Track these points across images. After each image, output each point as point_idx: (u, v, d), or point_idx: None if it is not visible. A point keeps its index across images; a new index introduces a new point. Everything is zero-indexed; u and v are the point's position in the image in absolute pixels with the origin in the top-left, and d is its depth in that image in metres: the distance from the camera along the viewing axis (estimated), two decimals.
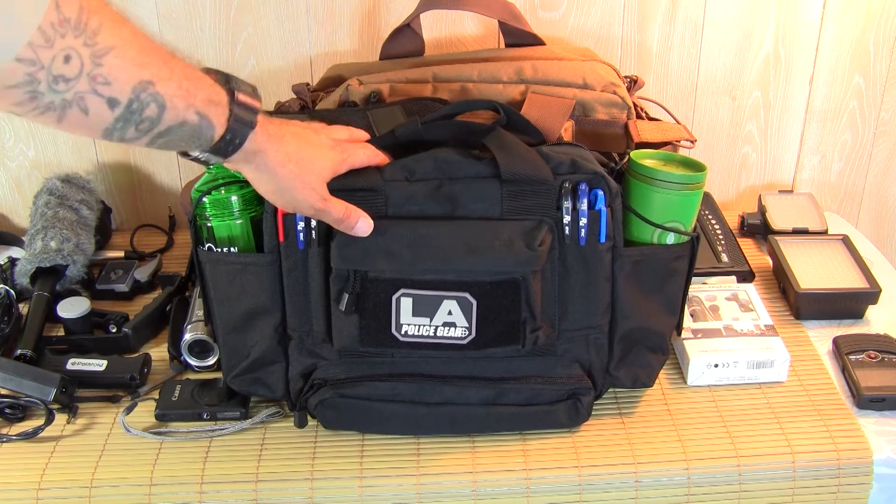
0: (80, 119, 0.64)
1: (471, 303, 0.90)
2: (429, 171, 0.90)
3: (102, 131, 0.67)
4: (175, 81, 0.68)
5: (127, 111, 0.66)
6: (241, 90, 0.75)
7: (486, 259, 0.88)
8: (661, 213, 0.95)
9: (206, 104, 0.71)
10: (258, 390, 0.98)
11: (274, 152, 0.79)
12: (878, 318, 1.16)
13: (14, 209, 1.41)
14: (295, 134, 0.83)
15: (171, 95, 0.68)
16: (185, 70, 0.70)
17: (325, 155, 0.85)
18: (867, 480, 0.95)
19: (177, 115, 0.69)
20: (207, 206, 0.94)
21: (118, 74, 0.64)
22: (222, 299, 0.96)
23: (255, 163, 0.79)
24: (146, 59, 0.66)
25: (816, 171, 1.47)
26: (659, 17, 1.33)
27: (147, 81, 0.66)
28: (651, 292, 0.96)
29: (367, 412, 0.95)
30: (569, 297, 0.94)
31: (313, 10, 1.30)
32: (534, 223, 0.90)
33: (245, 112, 0.75)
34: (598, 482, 0.94)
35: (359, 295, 0.90)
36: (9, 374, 1.00)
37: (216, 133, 0.74)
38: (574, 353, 0.96)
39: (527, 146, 0.92)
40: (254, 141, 0.76)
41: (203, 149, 0.75)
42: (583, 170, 0.91)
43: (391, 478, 0.93)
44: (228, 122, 0.74)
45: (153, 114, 0.67)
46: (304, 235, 0.91)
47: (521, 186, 0.90)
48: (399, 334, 0.91)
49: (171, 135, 0.70)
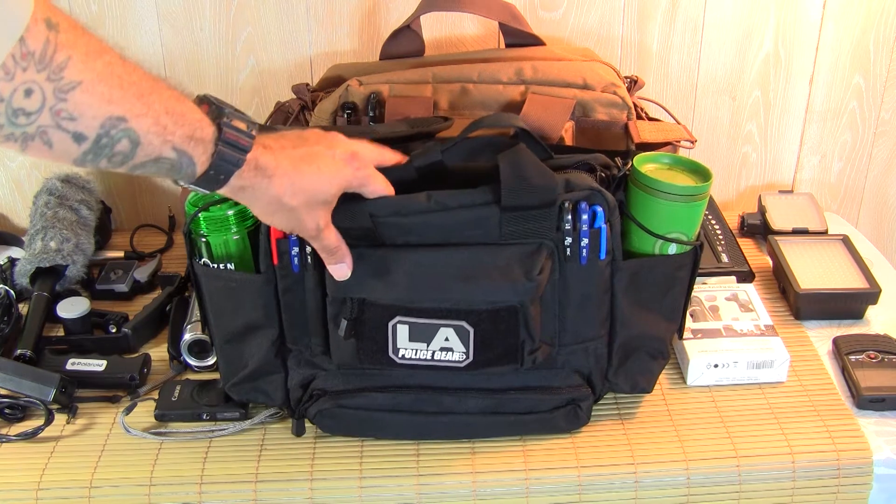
0: (45, 151, 0.62)
1: (468, 330, 0.88)
2: (422, 206, 0.86)
3: (71, 161, 0.65)
4: (151, 117, 0.66)
5: (95, 146, 0.64)
6: (231, 127, 0.72)
7: (483, 288, 0.86)
8: (663, 224, 0.93)
9: (185, 140, 0.68)
10: (257, 398, 0.98)
11: (265, 187, 0.76)
12: (878, 318, 1.16)
13: (14, 209, 1.41)
14: (300, 158, 0.78)
15: (145, 132, 0.65)
16: (167, 104, 0.67)
17: (334, 175, 0.80)
18: (867, 481, 0.95)
19: (152, 151, 0.67)
20: (202, 223, 0.93)
21: (85, 110, 0.62)
22: (218, 313, 0.95)
23: (246, 195, 0.76)
24: (118, 94, 0.63)
25: (816, 171, 1.47)
26: (659, 17, 1.33)
27: (118, 117, 0.64)
28: (651, 302, 0.95)
29: (366, 421, 0.95)
30: (568, 314, 0.92)
31: (313, 10, 1.30)
32: (533, 248, 0.87)
33: (232, 150, 0.72)
34: (598, 483, 0.94)
35: (356, 319, 0.88)
36: (8, 374, 1.00)
37: (198, 169, 0.71)
38: (573, 363, 0.95)
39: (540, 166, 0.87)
40: (241, 178, 0.73)
41: (187, 181, 0.73)
42: (579, 187, 0.88)
43: (391, 478, 0.93)
44: (212, 159, 0.71)
45: (125, 149, 0.65)
46: (299, 259, 0.89)
47: (521, 212, 0.86)
48: (396, 357, 0.90)
49: (148, 168, 0.68)
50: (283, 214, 0.79)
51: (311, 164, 0.79)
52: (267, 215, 0.81)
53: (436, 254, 0.87)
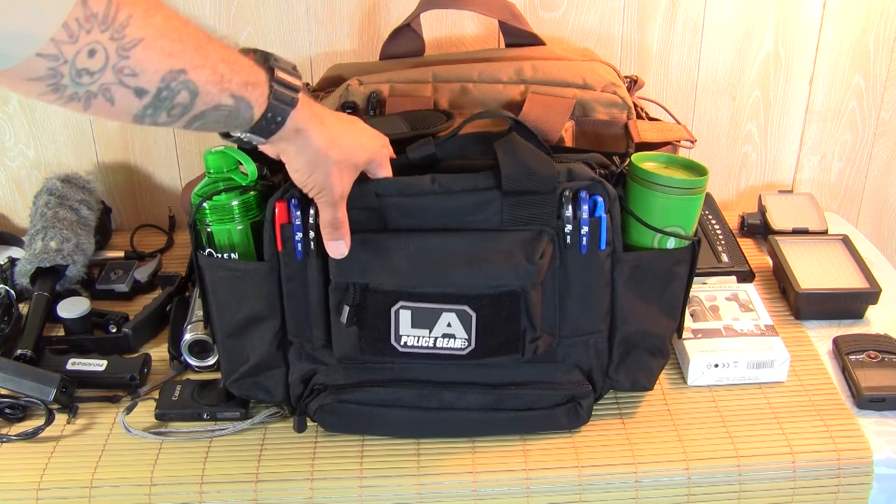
0: (107, 108, 0.64)
1: (470, 315, 0.89)
2: (426, 188, 0.89)
3: (132, 118, 0.66)
4: (209, 68, 0.67)
5: (156, 99, 0.65)
6: (281, 68, 0.74)
7: (486, 272, 0.87)
8: (661, 218, 0.94)
9: (242, 87, 0.71)
10: (257, 394, 0.98)
11: (317, 132, 0.78)
12: (878, 318, 1.16)
13: (14, 209, 1.41)
14: (338, 117, 0.83)
15: (203, 82, 0.67)
16: (221, 53, 0.69)
17: (368, 142, 0.85)
18: (867, 480, 0.95)
19: (211, 100, 0.69)
20: (207, 212, 0.94)
21: (146, 66, 0.63)
22: (222, 305, 0.95)
23: (297, 143, 0.78)
24: (178, 48, 0.65)
25: (816, 171, 1.47)
26: (659, 17, 1.33)
27: (178, 70, 0.65)
28: (651, 297, 0.96)
29: (366, 417, 0.95)
30: (568, 304, 0.93)
31: (313, 10, 1.30)
32: (534, 234, 0.89)
33: (285, 90, 0.74)
34: (599, 482, 0.94)
35: (358, 306, 0.89)
36: (9, 374, 1.00)
37: (255, 113, 0.73)
38: (574, 357, 0.96)
39: (537, 152, 0.90)
40: (295, 119, 0.76)
41: (243, 129, 0.75)
42: (580, 177, 0.90)
43: (391, 478, 0.93)
44: (268, 101, 0.73)
45: (185, 100, 0.67)
46: (303, 245, 0.90)
47: (521, 197, 0.88)
48: (398, 345, 0.91)
49: (207, 118, 0.70)
50: (322, 169, 0.81)
51: (350, 126, 0.84)
52: (307, 171, 0.81)
53: (438, 239, 0.88)
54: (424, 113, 1.04)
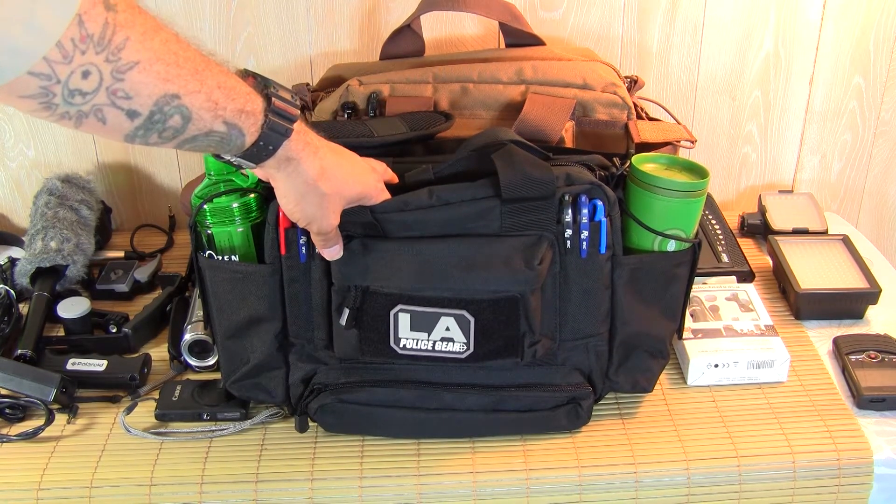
0: (98, 126, 0.63)
1: (468, 320, 0.89)
2: (424, 202, 0.88)
3: (122, 137, 0.66)
4: (204, 94, 0.67)
5: (148, 122, 0.65)
6: (279, 97, 0.74)
7: (485, 277, 0.87)
8: (662, 220, 0.94)
9: (236, 114, 0.70)
10: (257, 395, 0.98)
11: (309, 163, 0.77)
12: (878, 318, 1.16)
13: (14, 209, 1.41)
14: (334, 149, 0.81)
15: (197, 108, 0.67)
16: (218, 78, 0.68)
17: (361, 176, 0.84)
18: (867, 480, 0.95)
19: (203, 126, 0.68)
20: (208, 214, 0.94)
21: (141, 89, 0.62)
22: (222, 306, 0.95)
23: (286, 171, 0.77)
24: (174, 72, 0.64)
25: (816, 171, 1.47)
26: (659, 17, 1.33)
27: (172, 95, 0.64)
28: (651, 299, 0.96)
29: (367, 417, 0.95)
30: (568, 307, 0.93)
31: (313, 10, 1.30)
32: (533, 239, 0.89)
33: (280, 120, 0.73)
34: (599, 482, 0.94)
35: (358, 309, 0.89)
36: (9, 374, 1.00)
37: (247, 141, 0.72)
38: (574, 360, 0.96)
39: (534, 159, 0.89)
40: (287, 148, 0.75)
41: (234, 154, 0.74)
42: (579, 181, 0.90)
43: (392, 478, 0.93)
44: (262, 129, 0.72)
45: (177, 124, 0.66)
46: (307, 249, 0.90)
47: (521, 204, 0.87)
48: (398, 347, 0.91)
49: (198, 142, 0.70)
50: (313, 200, 0.80)
51: (345, 158, 0.83)
52: (297, 199, 0.80)
53: (438, 244, 0.88)
54: (424, 114, 1.04)
